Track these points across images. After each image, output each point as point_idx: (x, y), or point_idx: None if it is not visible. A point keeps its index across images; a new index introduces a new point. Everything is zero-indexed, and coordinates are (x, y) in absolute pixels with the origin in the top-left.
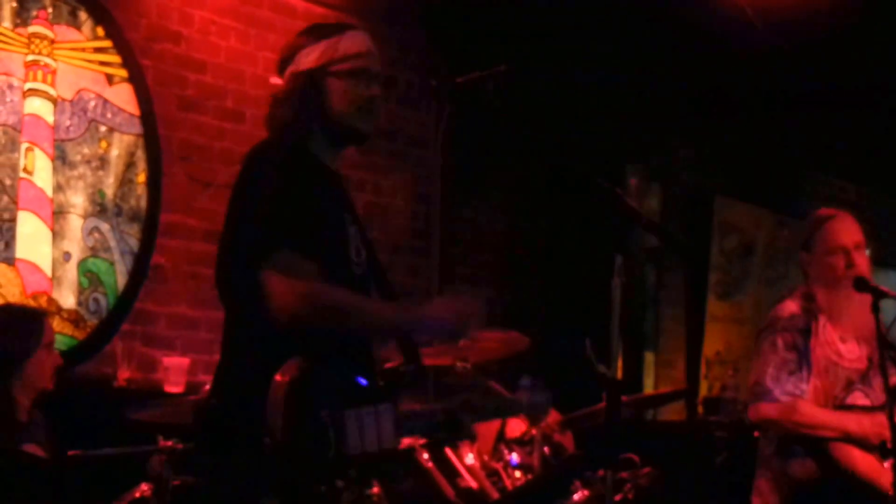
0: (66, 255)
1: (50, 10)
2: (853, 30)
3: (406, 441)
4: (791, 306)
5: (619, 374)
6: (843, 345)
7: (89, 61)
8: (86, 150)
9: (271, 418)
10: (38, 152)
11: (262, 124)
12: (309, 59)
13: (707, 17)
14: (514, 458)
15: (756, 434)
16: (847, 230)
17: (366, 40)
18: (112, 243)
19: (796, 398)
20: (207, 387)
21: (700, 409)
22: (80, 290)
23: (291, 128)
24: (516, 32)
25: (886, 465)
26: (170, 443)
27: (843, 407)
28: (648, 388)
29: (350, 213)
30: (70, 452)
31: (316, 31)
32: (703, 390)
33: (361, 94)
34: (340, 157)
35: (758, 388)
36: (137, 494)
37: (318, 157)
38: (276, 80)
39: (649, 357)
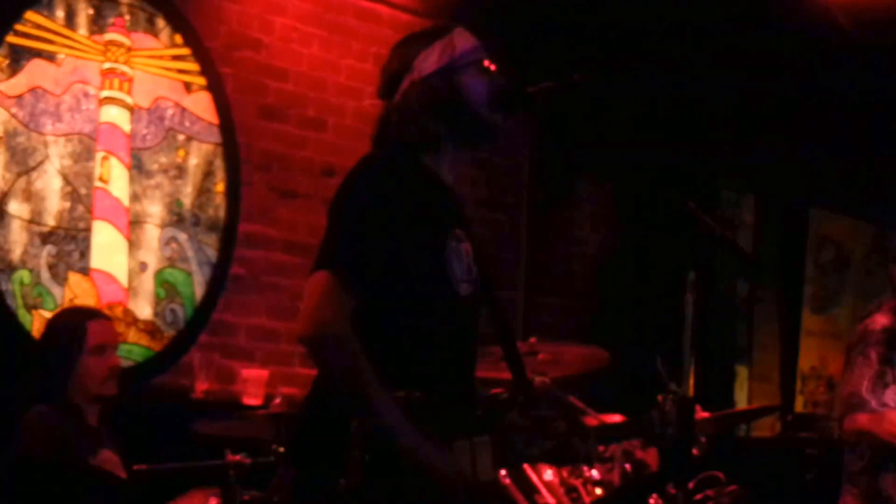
0: (143, 266)
1: (127, 17)
2: None
3: None
4: (882, 320)
5: (691, 391)
6: None
7: (167, 69)
8: (163, 159)
9: (351, 454)
10: (113, 161)
11: (345, 133)
12: (430, 61)
13: (796, 21)
14: (594, 474)
15: None
16: None
17: (472, 35)
18: (189, 253)
19: (889, 409)
20: (277, 400)
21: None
22: (157, 301)
23: (416, 138)
24: (602, 41)
25: None
26: (238, 457)
27: None
28: (742, 402)
29: (463, 228)
30: (135, 467)
31: (421, 37)
32: (799, 406)
33: (490, 85)
34: (455, 168)
35: (854, 399)
36: None
37: (434, 170)
38: (374, 103)
39: (743, 371)
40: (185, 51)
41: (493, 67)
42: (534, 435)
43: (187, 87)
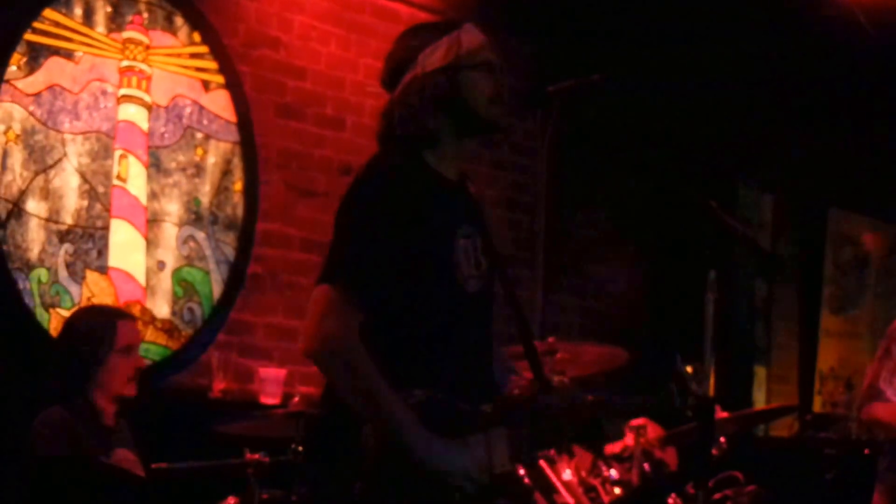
0: (161, 264)
1: (145, 15)
2: None
3: None
4: None
5: (712, 391)
6: None
7: (185, 67)
8: (181, 158)
9: (365, 457)
10: (131, 159)
11: (363, 132)
12: (435, 57)
13: (817, 21)
14: (613, 474)
15: (867, 451)
16: None
17: (480, 33)
18: (207, 252)
19: None
20: (295, 399)
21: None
22: (175, 300)
23: (415, 134)
24: (621, 40)
25: None
26: (256, 456)
27: None
28: (760, 403)
29: (472, 223)
30: (153, 465)
31: (428, 30)
32: (817, 406)
33: (495, 85)
34: (461, 163)
35: (871, 391)
36: None
37: (436, 168)
38: (377, 91)
39: (761, 372)
40: (204, 49)
41: (499, 65)
42: (560, 419)
43: (205, 85)
